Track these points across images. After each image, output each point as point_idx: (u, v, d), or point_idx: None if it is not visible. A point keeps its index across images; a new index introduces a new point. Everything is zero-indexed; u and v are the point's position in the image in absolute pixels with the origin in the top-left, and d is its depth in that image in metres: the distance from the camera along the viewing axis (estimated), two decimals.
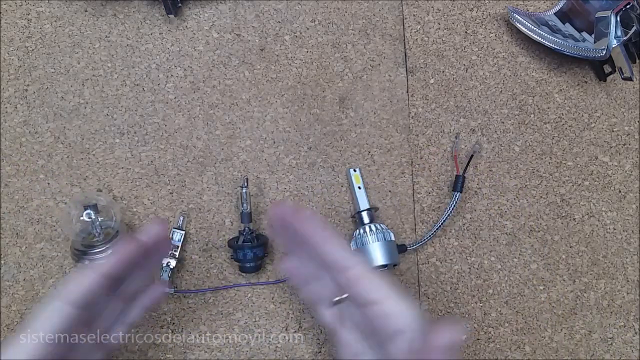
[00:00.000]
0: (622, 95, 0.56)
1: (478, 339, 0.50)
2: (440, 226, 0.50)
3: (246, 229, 0.47)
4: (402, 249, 0.49)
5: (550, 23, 0.55)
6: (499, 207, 0.53)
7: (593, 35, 0.52)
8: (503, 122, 0.54)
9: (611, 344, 0.52)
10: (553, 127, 0.54)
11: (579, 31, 0.54)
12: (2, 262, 0.47)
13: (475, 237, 0.52)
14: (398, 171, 0.52)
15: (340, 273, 0.34)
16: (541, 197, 0.53)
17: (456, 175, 0.51)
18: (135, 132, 0.50)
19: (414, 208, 0.52)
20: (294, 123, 0.52)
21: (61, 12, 0.51)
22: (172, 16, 0.50)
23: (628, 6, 0.49)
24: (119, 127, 0.50)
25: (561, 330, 0.51)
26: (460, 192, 0.50)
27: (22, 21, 0.50)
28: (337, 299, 0.35)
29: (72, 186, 0.49)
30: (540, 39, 0.52)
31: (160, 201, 0.49)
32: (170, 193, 0.50)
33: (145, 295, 0.40)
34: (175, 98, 0.51)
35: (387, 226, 0.49)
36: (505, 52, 0.55)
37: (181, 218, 0.49)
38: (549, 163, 0.54)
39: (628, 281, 0.53)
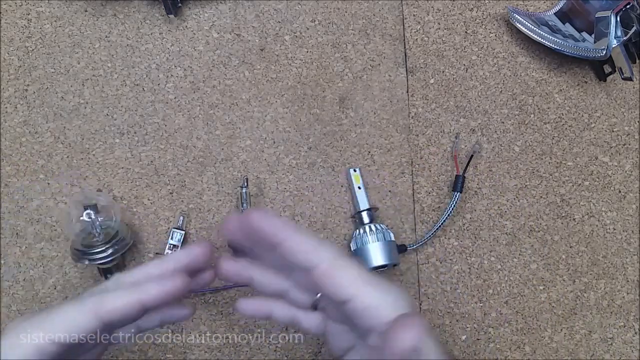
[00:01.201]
0: (622, 95, 0.56)
1: (478, 339, 0.50)
2: (440, 226, 0.50)
3: None
4: (402, 249, 0.49)
5: (550, 23, 0.55)
6: (499, 207, 0.53)
7: (593, 35, 0.52)
8: (503, 122, 0.54)
9: (611, 344, 0.52)
10: (553, 127, 0.54)
11: (579, 31, 0.54)
12: (2, 262, 0.47)
13: (475, 237, 0.52)
14: (398, 171, 0.52)
15: (308, 273, 0.31)
16: (541, 197, 0.53)
17: (456, 175, 0.51)
18: (135, 132, 0.50)
19: (414, 208, 0.52)
20: (294, 123, 0.52)
21: (61, 12, 0.51)
22: (172, 16, 0.50)
23: (628, 6, 0.49)
24: (119, 127, 0.50)
25: (561, 330, 0.51)
26: (460, 192, 0.50)
27: (22, 21, 0.51)
28: (315, 299, 0.34)
29: (72, 186, 0.49)
30: (540, 39, 0.52)
31: (160, 201, 0.49)
32: (170, 193, 0.50)
33: (169, 312, 0.36)
34: (175, 98, 0.51)
35: (387, 226, 0.49)
36: (505, 52, 0.55)
37: (181, 218, 0.49)
38: (549, 163, 0.54)
39: (628, 281, 0.53)
